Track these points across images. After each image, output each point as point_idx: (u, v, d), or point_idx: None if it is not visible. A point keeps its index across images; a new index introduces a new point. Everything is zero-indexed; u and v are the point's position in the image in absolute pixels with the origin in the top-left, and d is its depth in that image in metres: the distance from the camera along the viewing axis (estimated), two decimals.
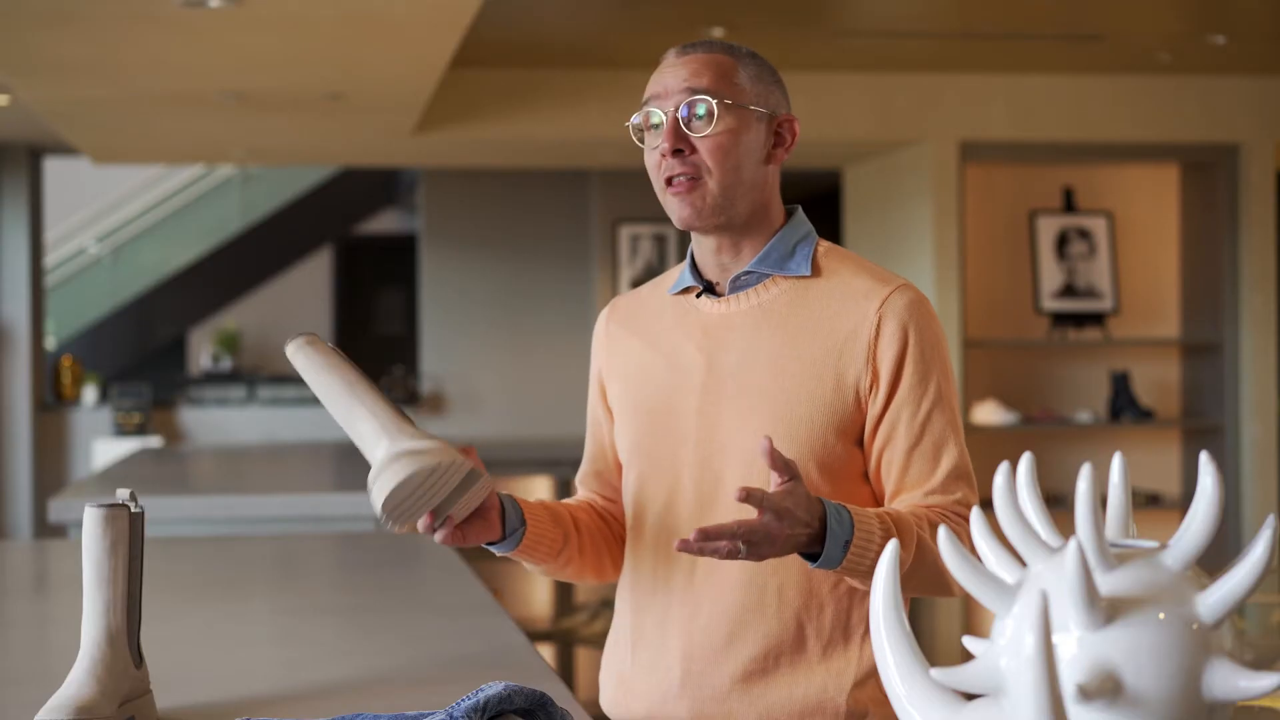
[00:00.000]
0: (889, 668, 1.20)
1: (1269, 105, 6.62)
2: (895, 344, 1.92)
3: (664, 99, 1.94)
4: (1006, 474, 1.21)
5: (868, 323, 1.92)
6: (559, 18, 5.58)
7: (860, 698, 1.94)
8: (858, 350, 1.92)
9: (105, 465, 6.45)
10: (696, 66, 1.93)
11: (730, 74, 1.93)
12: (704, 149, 1.92)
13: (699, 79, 1.92)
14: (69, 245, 11.37)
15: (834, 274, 1.97)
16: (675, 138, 1.92)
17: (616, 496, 2.13)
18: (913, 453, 1.93)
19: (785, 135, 1.98)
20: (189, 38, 4.74)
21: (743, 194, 1.94)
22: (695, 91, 1.91)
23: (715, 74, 1.93)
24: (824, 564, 1.80)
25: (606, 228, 8.70)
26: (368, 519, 4.41)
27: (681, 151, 1.92)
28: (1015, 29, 5.82)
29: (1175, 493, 6.75)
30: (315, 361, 1.91)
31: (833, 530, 1.78)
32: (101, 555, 1.78)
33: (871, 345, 1.92)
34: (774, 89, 1.98)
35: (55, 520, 4.29)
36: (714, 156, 1.92)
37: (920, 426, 1.93)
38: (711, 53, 1.95)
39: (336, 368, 1.90)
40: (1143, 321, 6.81)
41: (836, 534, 1.78)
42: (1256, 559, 1.10)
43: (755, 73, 1.96)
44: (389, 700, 1.92)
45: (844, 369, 1.92)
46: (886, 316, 1.92)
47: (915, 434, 1.93)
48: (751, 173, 1.95)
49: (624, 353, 2.07)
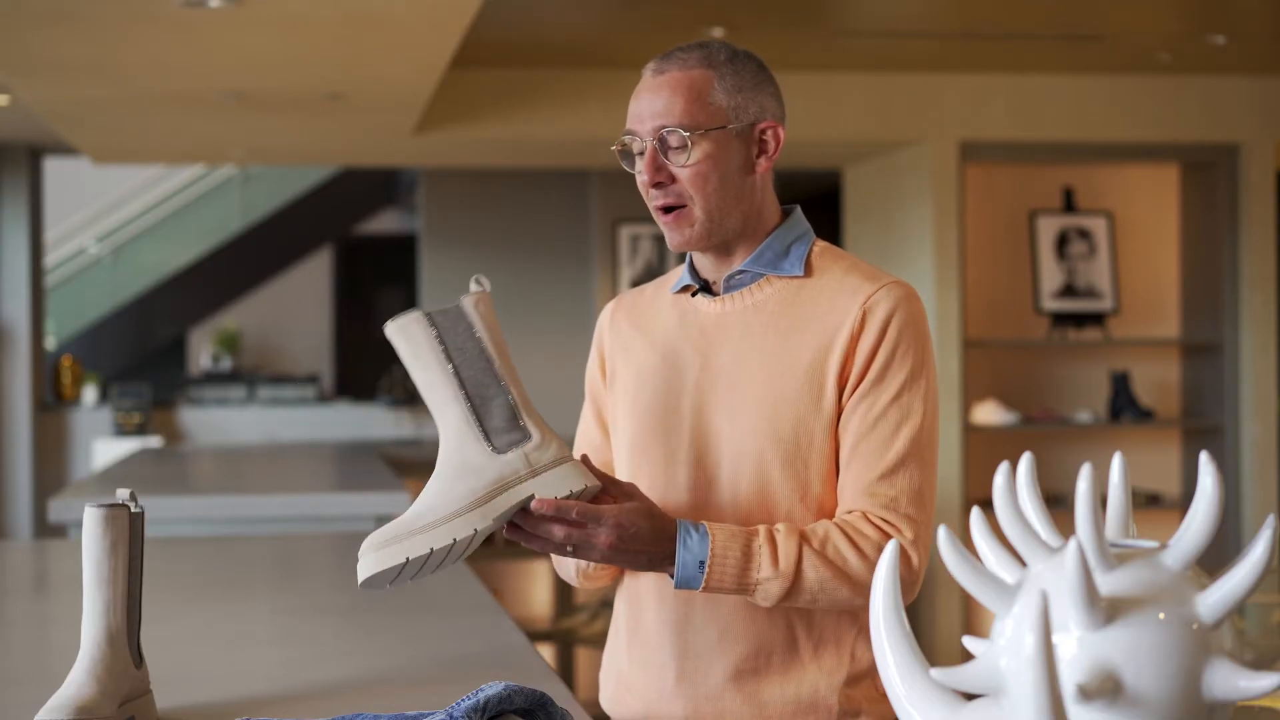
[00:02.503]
0: (889, 668, 1.20)
1: (1269, 105, 6.62)
2: (874, 337, 1.91)
3: (640, 128, 1.94)
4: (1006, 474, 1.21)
5: (851, 317, 1.92)
6: (559, 18, 5.58)
7: (853, 696, 1.96)
8: (840, 344, 1.92)
9: (105, 465, 6.45)
10: (669, 93, 1.92)
11: (704, 93, 1.92)
12: (683, 178, 1.93)
13: (671, 110, 1.91)
14: (69, 245, 11.37)
15: (826, 273, 1.98)
16: (654, 170, 1.93)
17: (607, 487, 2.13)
18: (862, 442, 1.91)
19: (769, 142, 1.97)
20: (189, 38, 4.74)
21: (729, 212, 1.95)
22: (667, 124, 1.91)
23: (687, 98, 1.92)
24: (681, 585, 1.86)
25: (606, 228, 8.70)
26: (368, 519, 4.42)
27: (662, 183, 1.93)
28: (1015, 29, 5.82)
29: (1175, 493, 6.75)
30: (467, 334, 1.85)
31: (682, 550, 1.84)
32: (101, 555, 1.78)
33: (854, 338, 1.92)
34: (756, 94, 1.96)
35: (55, 520, 4.29)
36: (694, 185, 1.93)
37: (877, 416, 1.90)
38: (687, 69, 1.93)
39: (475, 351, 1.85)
40: (1143, 321, 6.81)
41: (684, 559, 1.84)
42: (1256, 559, 1.10)
43: (734, 82, 1.94)
44: (389, 700, 1.92)
45: (829, 366, 1.92)
46: (871, 311, 1.92)
47: (870, 423, 1.91)
48: (736, 189, 1.95)
49: (627, 347, 2.08)
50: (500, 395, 1.83)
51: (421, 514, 1.79)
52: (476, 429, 1.81)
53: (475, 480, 1.80)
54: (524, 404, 1.84)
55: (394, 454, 7.26)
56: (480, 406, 1.82)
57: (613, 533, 1.80)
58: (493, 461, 1.81)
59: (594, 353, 2.15)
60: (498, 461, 1.81)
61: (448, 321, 1.84)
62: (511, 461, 1.81)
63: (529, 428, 1.83)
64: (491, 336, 1.84)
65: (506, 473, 1.80)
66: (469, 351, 1.83)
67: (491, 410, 1.83)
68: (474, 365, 1.83)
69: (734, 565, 1.84)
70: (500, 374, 1.83)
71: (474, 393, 1.83)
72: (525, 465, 1.81)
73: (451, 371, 1.82)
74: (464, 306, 1.85)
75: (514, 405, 1.83)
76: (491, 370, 1.83)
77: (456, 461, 1.81)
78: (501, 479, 1.80)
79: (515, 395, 1.84)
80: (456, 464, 1.81)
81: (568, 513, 1.79)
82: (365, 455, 6.61)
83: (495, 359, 1.84)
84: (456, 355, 1.83)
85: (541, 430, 1.84)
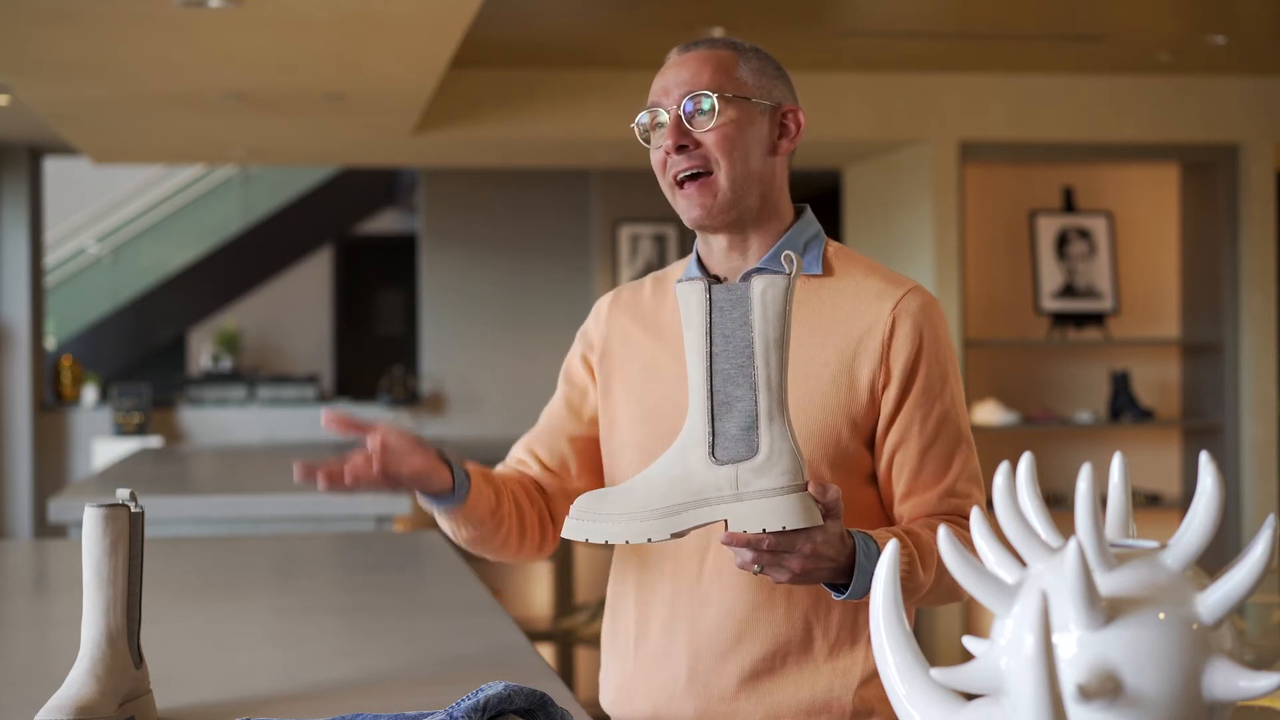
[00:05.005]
0: (889, 668, 1.20)
1: (1269, 105, 6.62)
2: (909, 345, 1.92)
3: (664, 100, 1.94)
4: (1006, 474, 1.21)
5: (881, 323, 1.92)
6: (559, 18, 5.58)
7: (866, 696, 1.95)
8: (871, 350, 1.92)
9: (105, 465, 6.45)
10: (697, 64, 1.94)
11: (731, 68, 1.94)
12: (709, 141, 1.92)
13: (699, 76, 1.93)
14: (69, 245, 11.38)
15: (846, 274, 1.98)
16: (679, 134, 1.92)
17: (558, 468, 2.10)
18: (926, 454, 1.93)
19: (790, 126, 1.98)
20: (189, 38, 4.74)
21: (752, 186, 1.94)
22: (696, 87, 1.92)
23: (715, 68, 1.94)
24: (851, 596, 1.80)
25: (606, 228, 8.70)
26: (368, 519, 4.41)
27: (685, 148, 1.92)
28: (1015, 29, 5.82)
29: (1175, 493, 6.75)
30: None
31: (861, 565, 1.77)
32: (101, 555, 1.78)
33: (886, 345, 1.92)
34: (777, 82, 1.99)
35: (55, 520, 4.29)
36: (721, 147, 1.92)
37: (935, 427, 1.93)
38: (714, 49, 1.96)
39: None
40: (1143, 321, 6.81)
41: (865, 568, 1.77)
42: (1256, 559, 1.10)
43: (758, 66, 1.97)
44: (389, 700, 1.91)
45: (858, 369, 1.92)
46: (901, 317, 1.92)
47: (930, 435, 1.93)
48: (759, 164, 1.95)
49: (628, 342, 2.06)
50: (746, 399, 1.71)
51: (628, 496, 1.72)
52: (707, 428, 1.71)
53: (679, 488, 1.71)
54: (769, 413, 1.70)
55: None
56: (720, 405, 1.71)
57: (809, 561, 1.73)
58: (704, 472, 1.71)
59: (578, 344, 2.12)
60: (708, 474, 1.71)
61: (727, 301, 1.71)
62: (721, 478, 1.70)
63: (759, 442, 1.70)
64: (766, 330, 1.69)
65: (709, 490, 1.70)
66: (735, 340, 1.71)
67: (732, 412, 1.71)
68: (733, 358, 1.71)
69: (903, 578, 1.81)
70: (757, 374, 1.70)
71: (719, 388, 1.71)
72: (731, 487, 1.69)
73: (707, 358, 1.71)
74: (751, 290, 1.70)
75: (755, 413, 1.70)
76: (748, 368, 1.70)
77: (679, 454, 1.73)
78: (702, 494, 1.70)
79: (764, 401, 1.70)
80: (678, 455, 1.72)
81: (758, 544, 1.71)
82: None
83: (758, 356, 1.70)
84: (719, 342, 1.71)
85: (773, 449, 1.70)
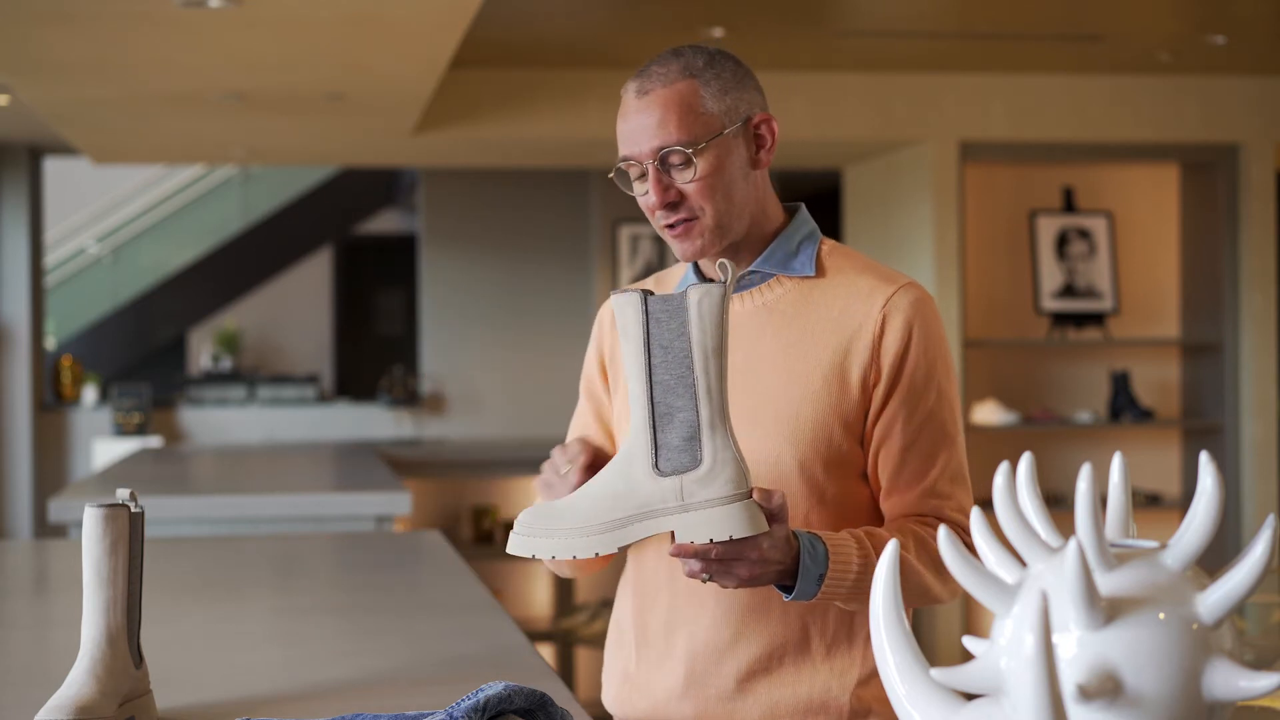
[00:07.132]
0: (889, 668, 1.20)
1: (1269, 105, 6.62)
2: (899, 340, 1.92)
3: (636, 152, 1.90)
4: (1006, 474, 1.21)
5: (872, 320, 1.92)
6: (559, 18, 5.58)
7: (864, 696, 1.95)
8: (863, 347, 1.92)
9: (105, 465, 6.45)
10: (661, 110, 1.88)
11: (694, 103, 1.89)
12: (691, 191, 1.90)
13: (665, 129, 1.88)
14: (69, 245, 11.38)
15: (839, 273, 1.97)
16: (663, 191, 1.90)
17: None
18: (908, 452, 1.93)
19: (765, 135, 1.95)
20: (189, 38, 4.74)
21: (738, 215, 1.94)
22: (666, 144, 1.88)
23: (680, 113, 1.88)
24: (797, 597, 1.82)
25: (606, 228, 8.70)
26: (368, 519, 4.41)
27: (674, 203, 1.91)
28: (1015, 29, 5.82)
29: (1175, 493, 6.75)
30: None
31: (805, 567, 1.80)
32: (101, 555, 1.78)
33: (876, 342, 1.92)
34: (743, 92, 1.93)
35: (55, 520, 4.29)
36: (703, 197, 1.90)
37: (918, 426, 1.93)
38: (669, 83, 1.89)
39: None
40: (1143, 321, 6.81)
41: (810, 570, 1.81)
42: (1256, 559, 1.10)
43: (720, 86, 1.91)
44: (389, 700, 1.91)
45: (850, 367, 1.92)
46: (891, 313, 1.92)
47: (912, 433, 1.92)
48: (742, 192, 1.93)
49: None
50: (687, 409, 1.70)
51: (572, 510, 1.72)
52: (649, 440, 1.70)
53: (624, 501, 1.70)
54: (710, 423, 1.69)
55: (394, 454, 7.27)
56: (662, 416, 1.70)
57: (756, 566, 1.75)
58: (648, 485, 1.70)
59: (592, 351, 2.12)
60: (653, 486, 1.70)
61: (663, 312, 1.70)
62: (665, 490, 1.70)
63: (702, 453, 1.69)
64: (704, 340, 1.68)
65: (655, 501, 1.70)
66: (674, 351, 1.70)
67: (673, 423, 1.70)
68: (672, 368, 1.70)
69: (852, 578, 1.83)
70: (697, 384, 1.69)
71: (660, 399, 1.70)
72: (677, 498, 1.69)
73: (646, 369, 1.70)
74: (688, 300, 1.69)
75: (697, 423, 1.69)
76: (688, 378, 1.69)
77: (622, 466, 1.72)
78: (647, 506, 1.70)
79: (705, 411, 1.69)
80: (621, 469, 1.72)
81: (706, 554, 1.72)
82: (365, 455, 6.61)
83: (697, 366, 1.69)
84: (657, 353, 1.70)
85: (716, 459, 1.69)
